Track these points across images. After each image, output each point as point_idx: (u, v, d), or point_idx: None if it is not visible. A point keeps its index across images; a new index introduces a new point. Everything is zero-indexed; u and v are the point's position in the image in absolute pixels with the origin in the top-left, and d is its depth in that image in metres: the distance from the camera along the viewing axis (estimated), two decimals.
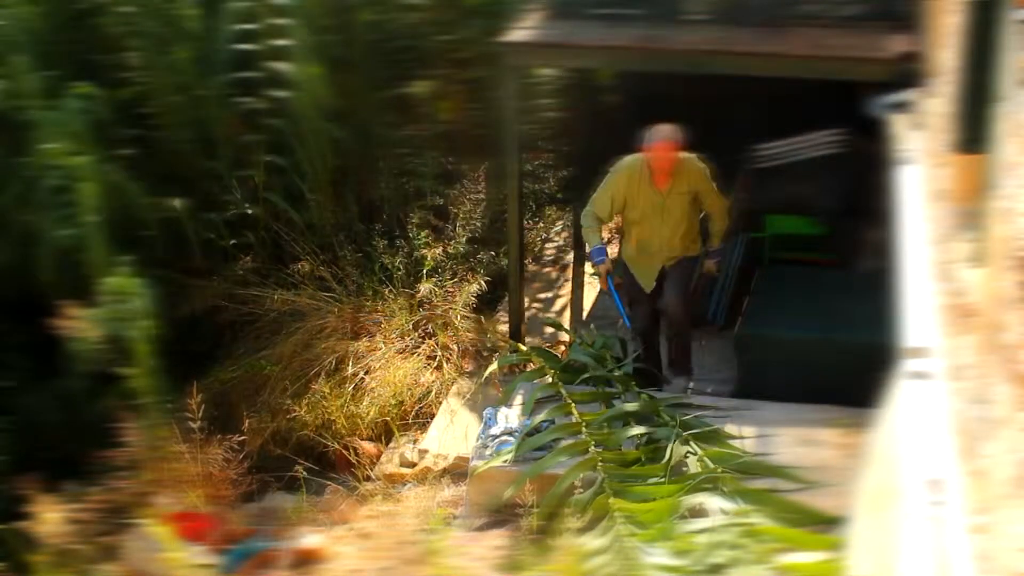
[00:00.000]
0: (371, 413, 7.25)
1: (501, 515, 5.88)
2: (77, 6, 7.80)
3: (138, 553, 5.41)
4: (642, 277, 6.84)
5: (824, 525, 5.17)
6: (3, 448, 6.37)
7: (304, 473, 6.57)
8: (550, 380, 6.67)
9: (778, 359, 6.74)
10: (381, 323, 7.86)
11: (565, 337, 7.99)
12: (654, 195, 6.60)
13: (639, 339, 7.03)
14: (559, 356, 7.18)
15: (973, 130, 3.42)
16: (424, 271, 8.26)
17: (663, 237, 6.69)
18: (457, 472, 6.57)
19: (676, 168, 6.53)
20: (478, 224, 8.72)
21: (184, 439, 6.23)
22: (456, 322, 7.93)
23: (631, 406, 6.19)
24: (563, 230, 10.28)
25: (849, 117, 7.00)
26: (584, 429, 6.03)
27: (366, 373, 7.47)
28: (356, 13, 8.34)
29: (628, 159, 6.64)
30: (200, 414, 6.07)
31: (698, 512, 5.33)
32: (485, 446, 6.15)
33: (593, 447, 5.84)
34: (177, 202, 7.78)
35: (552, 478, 5.71)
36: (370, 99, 8.45)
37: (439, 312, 8.00)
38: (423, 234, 8.52)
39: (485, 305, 8.50)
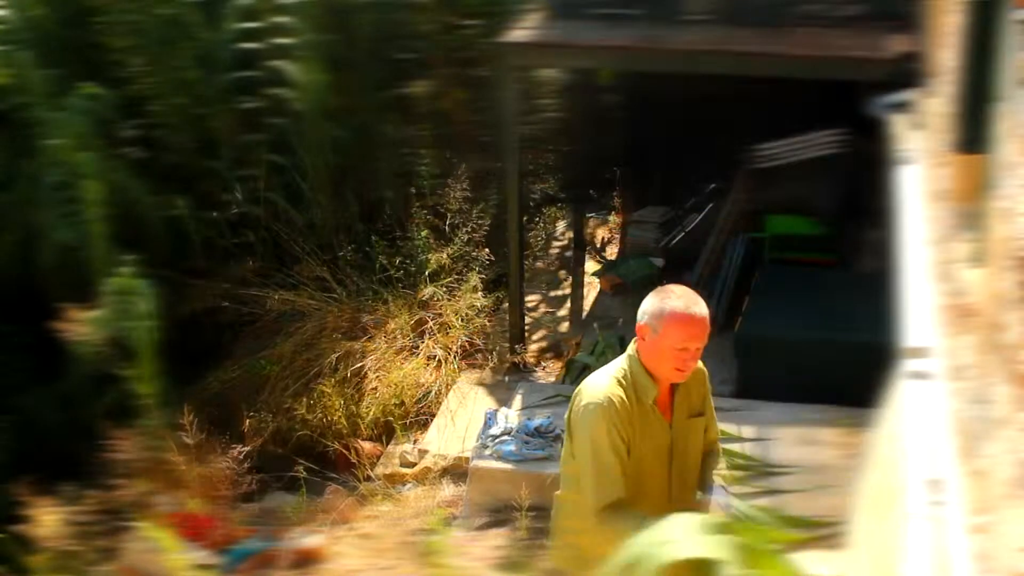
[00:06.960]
0: (371, 413, 7.25)
1: (501, 515, 5.88)
2: (81, 5, 7.80)
3: (138, 554, 5.40)
4: None
5: (824, 526, 5.16)
6: (3, 448, 6.37)
7: (304, 473, 6.57)
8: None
9: (778, 359, 6.74)
10: (381, 323, 7.85)
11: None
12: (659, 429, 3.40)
13: None
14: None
15: (973, 130, 3.42)
16: (422, 271, 8.26)
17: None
18: (457, 472, 6.57)
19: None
20: (478, 224, 8.72)
21: (184, 439, 6.23)
22: (456, 322, 7.93)
23: None
24: (563, 230, 10.28)
25: (849, 117, 7.00)
26: None
27: (366, 373, 7.46)
28: (357, 13, 8.34)
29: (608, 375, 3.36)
30: (200, 414, 6.07)
31: None
32: (485, 446, 6.15)
33: None
34: (179, 201, 7.79)
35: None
36: (370, 99, 8.45)
37: (439, 312, 7.99)
38: (423, 234, 8.52)
39: (485, 305, 8.50)
